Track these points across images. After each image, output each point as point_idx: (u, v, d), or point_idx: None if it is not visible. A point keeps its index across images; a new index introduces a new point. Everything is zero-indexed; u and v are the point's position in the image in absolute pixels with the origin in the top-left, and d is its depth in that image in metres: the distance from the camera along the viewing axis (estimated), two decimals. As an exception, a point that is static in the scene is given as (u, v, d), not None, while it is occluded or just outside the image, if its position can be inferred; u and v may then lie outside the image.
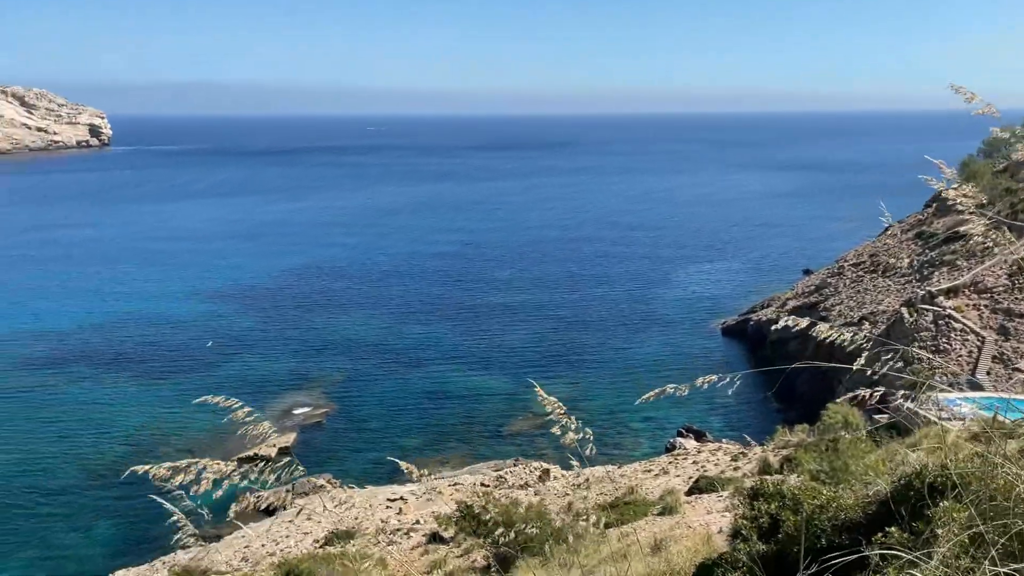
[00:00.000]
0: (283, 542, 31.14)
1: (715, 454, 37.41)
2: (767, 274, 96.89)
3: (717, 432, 50.72)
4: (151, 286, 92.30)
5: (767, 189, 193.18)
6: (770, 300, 77.33)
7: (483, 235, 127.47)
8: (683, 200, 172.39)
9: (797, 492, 4.59)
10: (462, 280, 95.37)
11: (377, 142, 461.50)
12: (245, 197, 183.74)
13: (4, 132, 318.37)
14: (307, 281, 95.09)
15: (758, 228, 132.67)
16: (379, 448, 49.55)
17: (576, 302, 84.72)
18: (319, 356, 66.76)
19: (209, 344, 68.70)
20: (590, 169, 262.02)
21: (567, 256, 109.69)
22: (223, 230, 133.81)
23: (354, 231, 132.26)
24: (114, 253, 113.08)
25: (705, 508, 22.25)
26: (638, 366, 63.02)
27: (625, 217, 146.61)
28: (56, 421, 53.46)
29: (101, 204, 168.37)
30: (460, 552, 24.11)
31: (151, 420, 53.47)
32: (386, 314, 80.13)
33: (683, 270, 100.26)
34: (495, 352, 67.88)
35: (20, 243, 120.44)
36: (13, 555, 38.14)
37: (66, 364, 64.58)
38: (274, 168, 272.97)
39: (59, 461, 47.67)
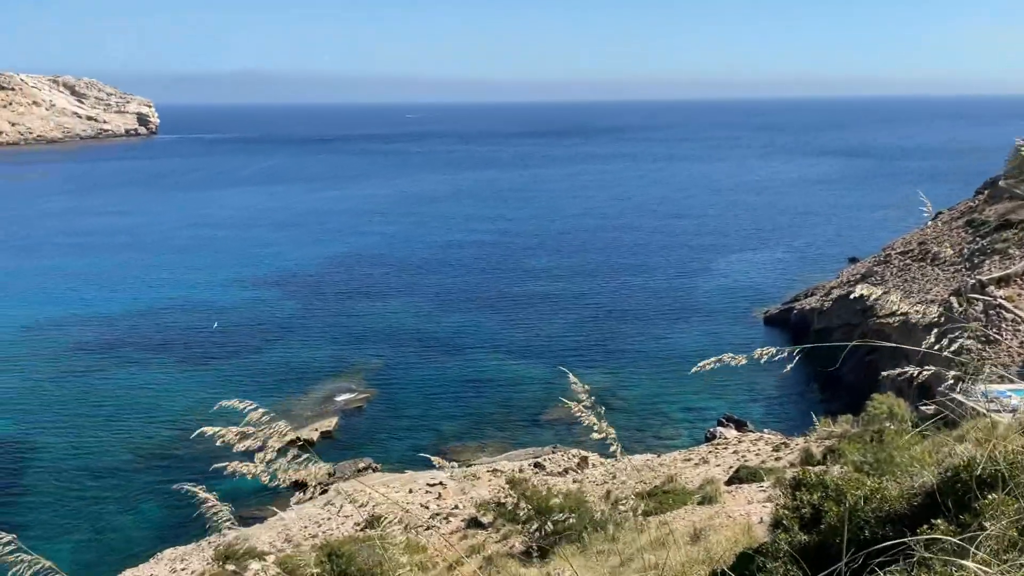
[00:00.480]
0: (324, 524, 31.62)
1: (756, 444, 37.05)
2: (811, 263, 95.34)
3: (758, 422, 50.19)
4: (196, 273, 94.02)
5: (813, 176, 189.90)
6: (814, 289, 76.13)
7: (522, 223, 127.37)
8: (726, 187, 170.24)
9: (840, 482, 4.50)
10: (501, 268, 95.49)
11: (417, 129, 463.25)
12: (288, 185, 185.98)
13: (56, 121, 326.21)
14: (348, 268, 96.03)
15: (803, 216, 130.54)
16: (418, 434, 50.01)
17: (615, 291, 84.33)
18: (360, 343, 67.46)
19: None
20: (631, 156, 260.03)
21: (606, 244, 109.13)
22: (266, 217, 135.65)
23: (394, 219, 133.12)
24: (161, 240, 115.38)
25: (746, 498, 22.07)
26: (678, 355, 62.53)
27: (666, 205, 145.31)
28: (105, 404, 54.85)
29: (149, 192, 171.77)
30: (499, 538, 24.26)
31: (196, 404, 54.52)
32: (425, 302, 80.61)
33: (724, 258, 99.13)
34: (533, 340, 67.92)
35: (71, 230, 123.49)
36: (66, 533, 39.31)
37: (115, 349, 66.17)
38: (317, 156, 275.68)
39: (108, 443, 48.93)
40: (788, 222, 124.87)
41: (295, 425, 52.43)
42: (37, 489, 43.53)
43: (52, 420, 52.13)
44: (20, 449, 48.34)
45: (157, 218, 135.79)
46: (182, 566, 29.58)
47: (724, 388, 56.88)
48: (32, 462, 46.73)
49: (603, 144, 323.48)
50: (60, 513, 41.07)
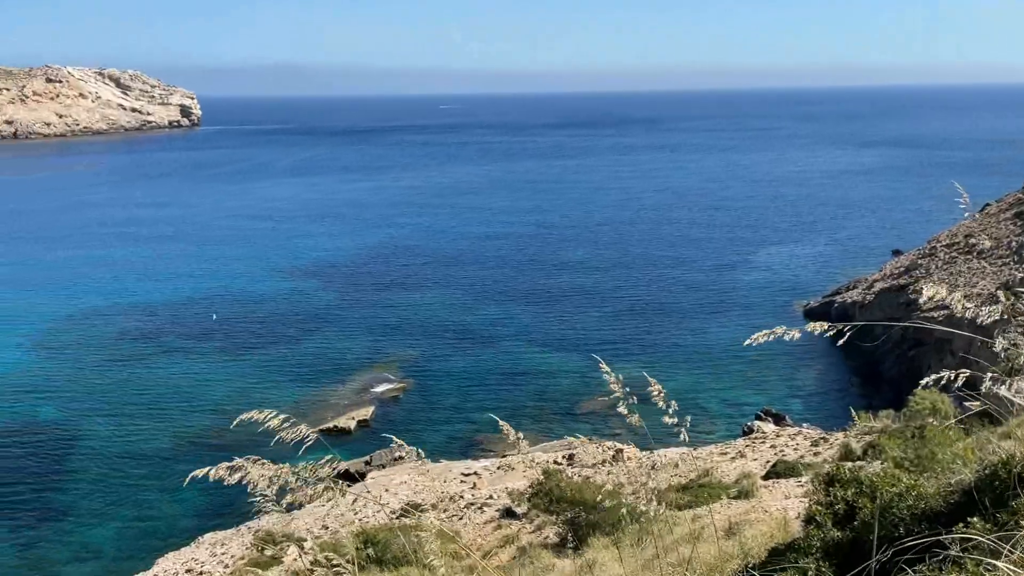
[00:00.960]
0: (361, 512, 31.97)
1: (794, 439, 36.59)
2: (854, 255, 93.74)
3: (797, 416, 49.60)
4: (236, 263, 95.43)
5: (856, 167, 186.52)
6: (856, 281, 74.88)
7: (558, 214, 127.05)
8: (767, 178, 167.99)
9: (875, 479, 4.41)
10: (536, 260, 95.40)
11: (452, 121, 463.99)
12: (325, 176, 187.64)
13: (101, 113, 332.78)
14: (384, 259, 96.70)
15: (845, 207, 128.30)
16: (454, 423, 50.29)
17: (652, 283, 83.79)
18: (396, 333, 67.94)
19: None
20: (669, 146, 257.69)
21: (643, 236, 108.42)
22: (304, 208, 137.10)
23: (430, 210, 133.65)
24: (201, 231, 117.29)
25: (783, 493, 21.83)
26: (716, 349, 61.99)
27: (704, 196, 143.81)
28: (148, 392, 56.00)
29: (190, 183, 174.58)
30: (533, 528, 24.32)
31: (237, 392, 55.47)
32: (461, 293, 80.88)
33: (764, 251, 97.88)
34: (569, 332, 67.81)
35: (115, 220, 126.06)
36: (110, 516, 40.28)
37: (156, 337, 67.49)
38: (353, 147, 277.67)
39: (151, 430, 49.98)
40: (830, 214, 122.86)
41: (333, 413, 53.15)
42: (82, 473, 44.66)
43: (96, 406, 53.40)
44: (66, 434, 49.62)
45: (198, 209, 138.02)
46: (222, 550, 30.13)
47: (763, 382, 56.29)
48: (77, 447, 47.93)
49: (640, 135, 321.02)
50: (104, 497, 42.09)
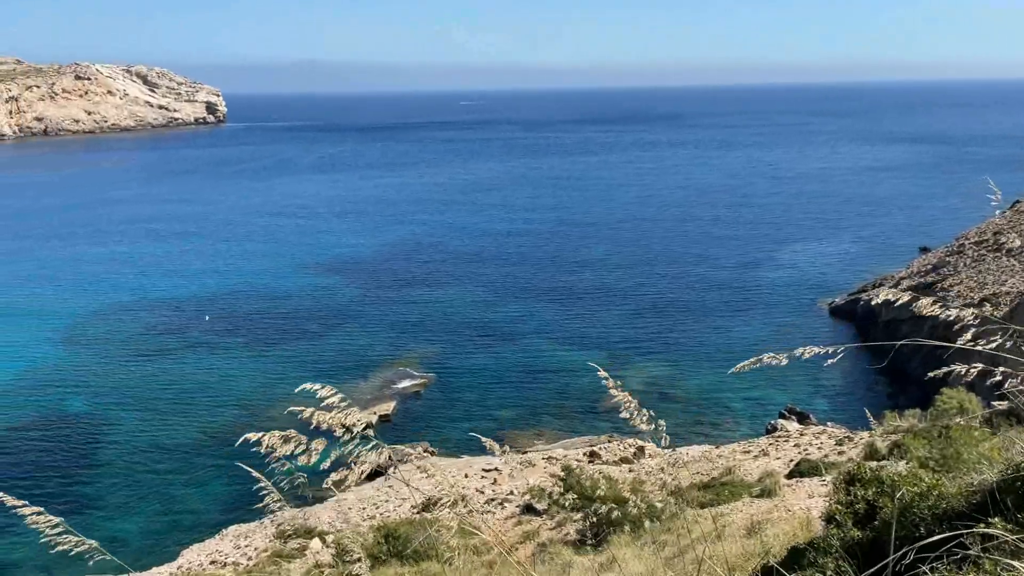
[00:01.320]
0: (382, 506, 32.15)
1: (818, 437, 36.28)
2: (879, 252, 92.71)
3: (821, 415, 49.18)
4: (260, 259, 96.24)
5: (882, 163, 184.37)
6: (882, 279, 74.04)
7: (580, 211, 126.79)
8: (790, 175, 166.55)
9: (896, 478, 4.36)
10: (558, 256, 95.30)
11: (474, 118, 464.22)
12: (349, 172, 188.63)
13: (129, 110, 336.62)
14: (406, 255, 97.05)
15: (871, 204, 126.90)
16: (475, 419, 50.37)
17: (675, 280, 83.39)
18: (418, 329, 68.18)
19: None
20: (692, 143, 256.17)
21: (665, 233, 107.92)
22: (328, 205, 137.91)
23: (453, 207, 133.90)
24: (226, 227, 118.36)
25: (806, 492, 21.64)
26: (739, 346, 61.58)
27: (727, 193, 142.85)
28: (173, 385, 56.66)
29: (215, 179, 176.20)
30: (553, 524, 24.31)
31: (261, 386, 55.97)
32: (483, 289, 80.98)
33: (788, 248, 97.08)
34: (591, 329, 67.68)
35: (142, 217, 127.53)
36: (137, 508, 40.83)
37: (182, 332, 68.23)
38: (376, 144, 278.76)
39: (177, 423, 50.57)
40: (855, 211, 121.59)
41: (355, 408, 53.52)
42: (110, 465, 45.28)
43: (123, 400, 54.10)
44: (94, 426, 50.33)
45: (223, 205, 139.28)
46: (246, 542, 30.42)
47: (787, 380, 55.84)
48: (104, 439, 48.60)
49: (663, 131, 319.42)
50: (131, 488, 42.66)
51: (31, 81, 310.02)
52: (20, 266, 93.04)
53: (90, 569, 4.95)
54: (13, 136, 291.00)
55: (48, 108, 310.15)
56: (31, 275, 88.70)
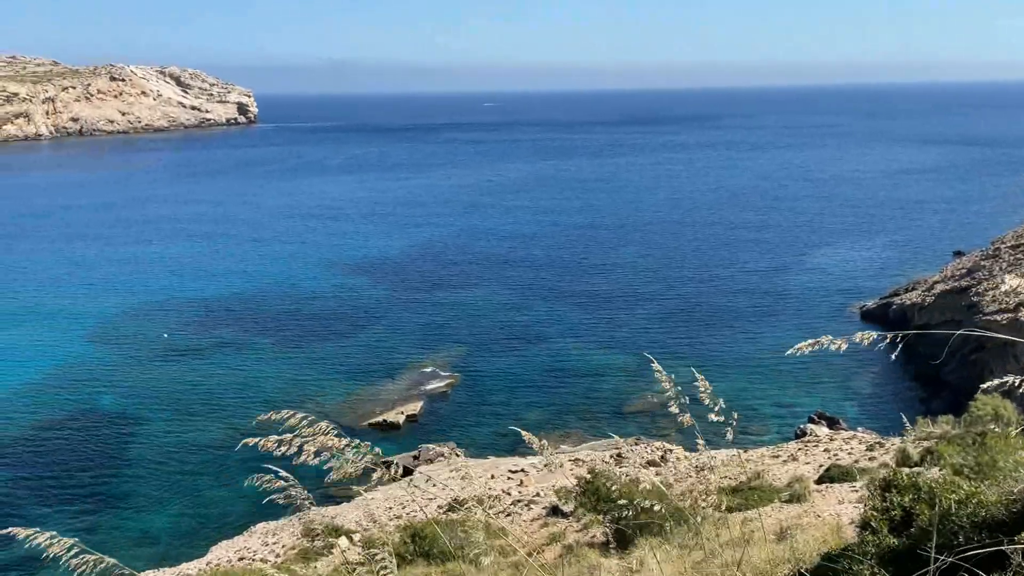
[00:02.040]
0: (409, 506, 32.26)
1: (849, 443, 35.80)
2: (913, 256, 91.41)
3: (852, 420, 48.57)
4: (289, 260, 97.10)
5: (917, 165, 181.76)
6: (915, 283, 72.98)
7: (609, 212, 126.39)
8: (823, 177, 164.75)
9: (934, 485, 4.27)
10: (586, 257, 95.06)
11: (501, 119, 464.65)
12: (376, 173, 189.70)
13: (162, 111, 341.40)
14: (433, 256, 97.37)
15: (905, 207, 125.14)
16: (501, 420, 50.36)
17: (704, 282, 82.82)
18: (445, 330, 68.35)
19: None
20: (725, 144, 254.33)
21: (695, 235, 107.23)
22: (355, 206, 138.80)
23: (479, 208, 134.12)
24: (255, 227, 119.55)
25: (836, 498, 21.36)
26: (769, 350, 60.97)
27: (759, 195, 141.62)
28: (203, 383, 57.31)
29: (246, 180, 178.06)
30: (579, 527, 24.22)
31: (288, 384, 56.45)
32: (509, 291, 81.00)
33: (820, 251, 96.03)
34: (618, 331, 67.41)
35: (173, 216, 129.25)
36: (167, 504, 41.35)
37: (211, 331, 69.00)
38: (404, 145, 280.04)
39: (206, 420, 51.14)
40: (889, 214, 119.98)
41: (382, 408, 53.50)
42: (140, 462, 45.91)
43: (154, 398, 54.83)
44: (125, 424, 51.06)
45: (252, 206, 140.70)
46: (274, 540, 30.67)
47: (817, 384, 55.23)
48: (135, 436, 49.29)
49: (692, 132, 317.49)
50: (160, 485, 43.21)
51: (67, 82, 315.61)
52: (52, 265, 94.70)
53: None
54: (49, 136, 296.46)
55: (83, 109, 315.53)
56: (63, 274, 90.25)
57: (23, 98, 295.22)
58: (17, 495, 42.29)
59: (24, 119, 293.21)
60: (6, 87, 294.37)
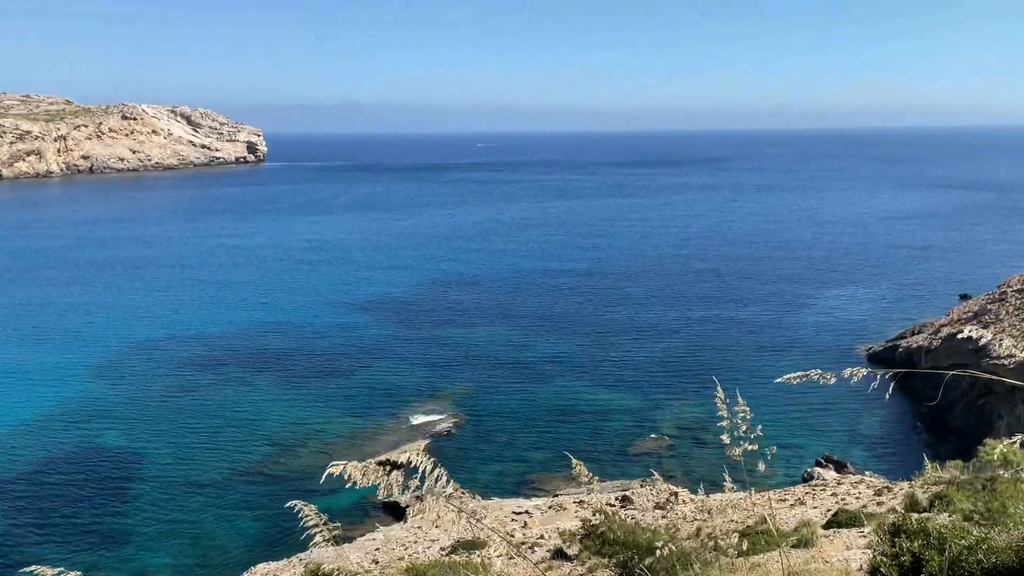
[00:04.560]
0: (411, 547, 31.87)
1: (856, 487, 35.38)
2: (919, 299, 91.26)
3: (859, 464, 48.07)
4: (292, 296, 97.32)
5: (924, 209, 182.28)
6: (921, 326, 72.74)
7: (614, 252, 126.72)
8: (829, 220, 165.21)
9: (943, 530, 4.23)
10: (592, 298, 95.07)
11: (501, 159, 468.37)
12: (382, 212, 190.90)
13: (173, 149, 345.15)
14: (437, 294, 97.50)
15: (911, 250, 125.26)
16: (506, 461, 50.00)
17: (710, 323, 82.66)
18: (449, 368, 68.18)
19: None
20: (730, 186, 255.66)
21: (701, 277, 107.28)
22: (360, 243, 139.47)
23: (484, 247, 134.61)
24: (260, 264, 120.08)
25: (844, 543, 21.04)
26: (774, 390, 60.60)
27: (765, 237, 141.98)
28: (205, 420, 57.11)
29: (252, 218, 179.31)
30: (584, 570, 23.86)
31: (292, 422, 56.20)
32: (514, 329, 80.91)
33: (827, 293, 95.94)
34: (623, 370, 67.15)
35: (178, 254, 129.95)
36: (167, 542, 40.94)
37: (215, 367, 68.94)
38: (410, 184, 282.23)
39: (208, 457, 50.85)
40: (895, 257, 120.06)
41: (385, 447, 53.15)
42: (142, 498, 45.57)
43: (157, 434, 54.61)
44: (128, 459, 50.80)
45: (257, 243, 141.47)
46: (273, 581, 30.27)
47: (824, 427, 54.78)
48: (138, 473, 48.99)
49: (701, 174, 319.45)
50: (161, 522, 42.82)
51: (79, 121, 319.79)
52: (57, 302, 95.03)
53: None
54: (60, 173, 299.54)
55: (95, 147, 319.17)
56: (68, 309, 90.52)
57: (35, 136, 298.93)
58: (18, 531, 41.95)
59: (36, 156, 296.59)
60: (19, 125, 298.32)
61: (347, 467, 5.06)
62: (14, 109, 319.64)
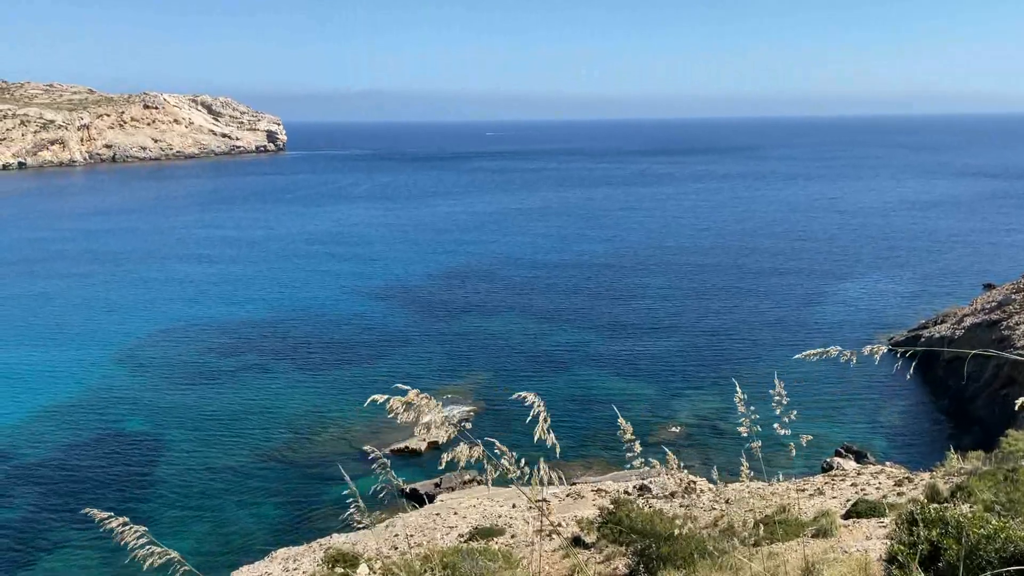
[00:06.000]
0: (430, 534, 32.09)
1: (876, 477, 35.18)
2: (943, 288, 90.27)
3: (880, 454, 47.75)
4: (313, 285, 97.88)
5: (950, 197, 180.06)
6: (944, 315, 72.00)
7: (634, 242, 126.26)
8: (853, 209, 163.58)
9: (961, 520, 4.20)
10: (612, 287, 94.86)
11: (520, 148, 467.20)
12: (402, 201, 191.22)
13: (193, 138, 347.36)
14: (457, 284, 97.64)
15: (935, 239, 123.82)
16: (524, 449, 50.03)
17: (730, 312, 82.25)
18: (468, 356, 68.35)
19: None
20: (757, 175, 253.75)
21: (723, 265, 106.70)
22: (379, 233, 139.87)
23: (504, 235, 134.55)
24: (281, 253, 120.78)
25: (864, 533, 20.95)
26: (796, 380, 60.25)
27: (789, 226, 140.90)
28: (228, 407, 57.67)
29: (272, 206, 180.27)
30: (602, 558, 23.92)
31: (312, 409, 56.64)
32: (533, 318, 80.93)
33: (849, 283, 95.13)
34: (643, 360, 67.01)
35: (201, 241, 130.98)
36: (189, 527, 41.46)
37: (237, 355, 69.55)
38: (429, 173, 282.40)
39: (230, 444, 51.39)
40: (919, 246, 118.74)
41: (404, 435, 53.45)
42: (164, 483, 46.16)
43: (179, 420, 55.24)
44: (150, 446, 51.44)
45: (277, 232, 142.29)
46: (294, 566, 30.60)
47: (844, 417, 54.44)
48: (161, 458, 49.61)
49: (729, 163, 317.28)
50: (184, 507, 43.37)
51: (102, 110, 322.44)
52: (80, 290, 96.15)
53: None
54: (83, 162, 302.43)
55: (117, 136, 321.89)
56: (91, 298, 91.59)
57: (59, 125, 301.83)
58: (44, 515, 42.65)
59: (59, 145, 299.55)
60: (43, 114, 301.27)
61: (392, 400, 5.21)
62: (38, 98, 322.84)
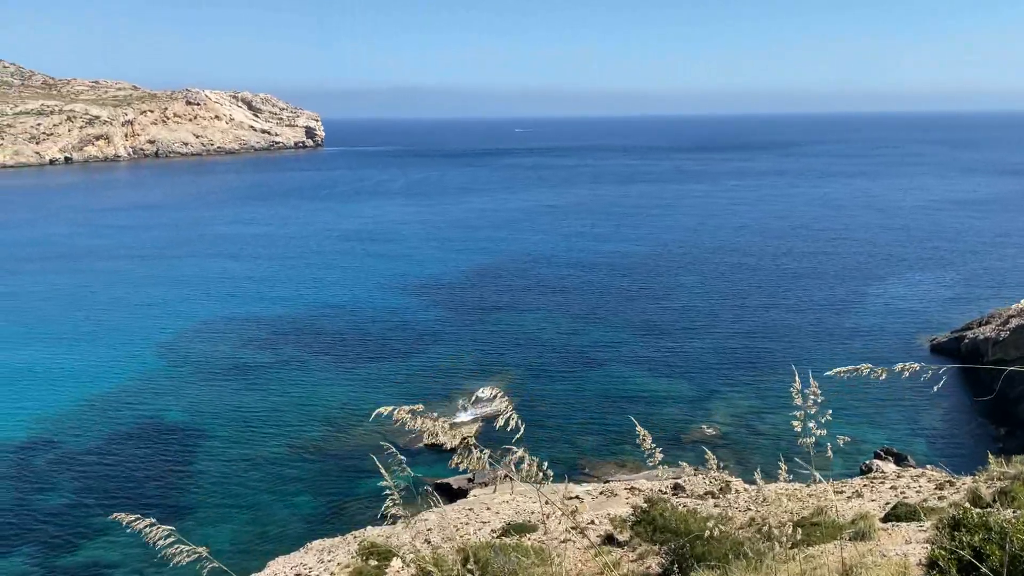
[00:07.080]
0: (463, 529, 32.21)
1: (917, 480, 34.51)
2: (987, 289, 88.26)
3: (921, 457, 46.83)
4: (349, 280, 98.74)
5: (994, 195, 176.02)
6: (989, 316, 70.35)
7: (670, 239, 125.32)
8: (895, 207, 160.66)
9: (1004, 525, 4.10)
10: (647, 284, 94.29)
11: (565, 144, 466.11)
12: (437, 197, 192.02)
13: (234, 134, 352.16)
14: (491, 279, 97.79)
15: (981, 238, 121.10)
16: (557, 446, 50.07)
17: (768, 311, 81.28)
18: (502, 353, 68.45)
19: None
20: (795, 172, 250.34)
21: (760, 264, 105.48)
22: (415, 229, 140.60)
23: (537, 233, 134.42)
24: (319, 248, 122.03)
25: (903, 537, 20.58)
26: (835, 382, 59.27)
27: (829, 224, 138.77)
28: (265, 400, 58.45)
29: (311, 202, 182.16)
30: (635, 556, 23.82)
31: (347, 403, 57.17)
32: (566, 315, 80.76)
33: (890, 282, 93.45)
34: (677, 359, 66.54)
35: (239, 237, 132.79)
36: (227, 517, 42.13)
37: (275, 348, 70.44)
38: (464, 169, 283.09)
39: (267, 436, 52.10)
40: (963, 245, 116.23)
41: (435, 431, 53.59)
42: (204, 474, 46.95)
43: (218, 413, 56.11)
44: (191, 437, 52.35)
45: (316, 227, 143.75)
46: (329, 557, 30.92)
47: (883, 419, 53.54)
48: (200, 449, 50.47)
49: (766, 160, 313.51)
50: (222, 498, 44.07)
51: (145, 106, 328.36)
52: (121, 285, 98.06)
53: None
54: (127, 157, 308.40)
55: (160, 131, 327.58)
56: (132, 293, 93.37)
57: (104, 121, 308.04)
58: (87, 503, 43.62)
59: (104, 141, 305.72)
60: (88, 110, 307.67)
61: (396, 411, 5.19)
62: (84, 95, 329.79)
